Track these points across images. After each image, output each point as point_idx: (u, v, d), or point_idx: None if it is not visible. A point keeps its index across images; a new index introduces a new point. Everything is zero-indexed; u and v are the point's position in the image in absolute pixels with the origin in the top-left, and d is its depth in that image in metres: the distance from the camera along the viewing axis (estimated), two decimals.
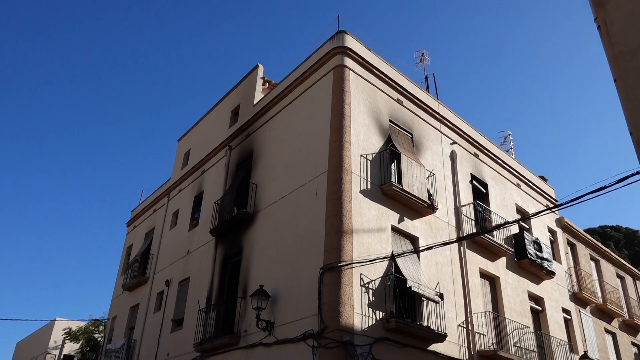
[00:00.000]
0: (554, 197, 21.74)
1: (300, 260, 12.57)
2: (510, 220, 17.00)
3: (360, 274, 11.76)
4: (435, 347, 12.63)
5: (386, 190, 13.34)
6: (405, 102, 15.76)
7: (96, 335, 32.54)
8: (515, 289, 16.76)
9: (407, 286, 12.13)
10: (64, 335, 34.55)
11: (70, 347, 34.43)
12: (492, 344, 14.47)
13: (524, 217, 17.98)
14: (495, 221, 16.57)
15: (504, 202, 18.28)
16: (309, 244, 12.45)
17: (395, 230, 13.39)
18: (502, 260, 16.72)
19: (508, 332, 15.31)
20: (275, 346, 12.08)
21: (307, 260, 12.29)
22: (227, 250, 15.98)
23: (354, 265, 11.65)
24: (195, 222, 18.95)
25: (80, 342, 33.18)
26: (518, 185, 19.69)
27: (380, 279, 12.18)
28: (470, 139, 17.95)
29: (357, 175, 12.94)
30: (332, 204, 12.32)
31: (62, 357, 33.99)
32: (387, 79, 15.35)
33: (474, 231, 15.72)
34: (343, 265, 11.48)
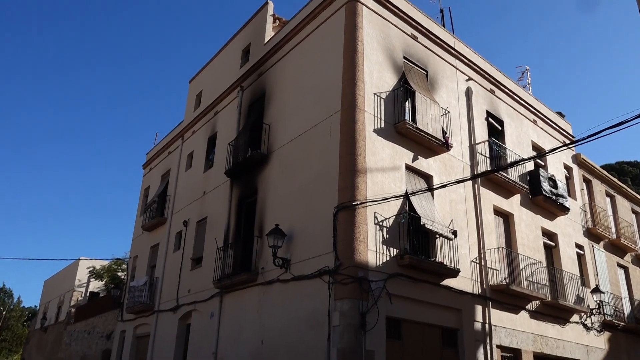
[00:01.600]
0: (571, 133, 21.41)
1: (314, 200, 12.70)
2: (525, 157, 16.86)
3: (375, 213, 11.88)
4: (448, 282, 12.91)
5: (400, 128, 13.23)
6: (420, 37, 15.31)
7: (119, 274, 33.81)
8: (529, 225, 16.86)
9: (421, 224, 12.26)
10: (89, 274, 35.96)
11: (95, 285, 35.88)
12: (505, 278, 14.74)
13: (540, 154, 17.79)
14: (511, 158, 16.45)
15: (520, 139, 18.07)
16: (323, 183, 12.53)
17: (409, 168, 13.38)
18: (517, 197, 16.73)
19: (520, 267, 15.55)
20: (292, 282, 12.44)
21: (321, 200, 12.42)
22: (242, 191, 16.18)
23: (368, 204, 11.75)
24: (210, 164, 19.10)
25: (104, 280, 34.56)
26: (534, 122, 19.38)
27: (394, 217, 12.30)
28: (486, 75, 17.53)
29: (370, 114, 12.80)
30: (345, 143, 12.27)
31: (88, 294, 35.48)
32: (401, 14, 14.85)
33: (489, 169, 15.65)
34: (357, 204, 11.59)
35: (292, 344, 11.87)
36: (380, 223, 11.95)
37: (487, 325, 13.78)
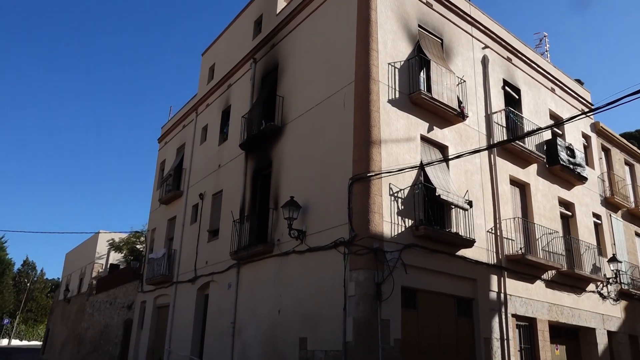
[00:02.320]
0: (589, 101, 20.99)
1: (329, 172, 12.71)
2: (543, 126, 16.61)
3: (389, 184, 11.87)
4: (463, 252, 12.94)
5: (415, 99, 13.08)
6: (435, 4, 14.98)
7: (138, 246, 34.43)
8: (546, 195, 16.73)
9: (436, 194, 12.24)
10: (108, 246, 36.69)
11: (114, 257, 36.64)
12: (520, 248, 14.73)
13: (558, 122, 17.51)
14: (528, 128, 16.22)
15: (537, 107, 17.77)
16: (338, 155, 12.51)
17: (424, 139, 13.28)
18: (533, 167, 16.56)
19: (537, 237, 15.50)
20: (308, 253, 12.57)
21: (336, 171, 12.42)
22: (257, 164, 16.23)
23: (382, 175, 11.73)
24: (225, 137, 19.14)
25: (124, 252, 35.26)
26: (552, 90, 19.01)
27: (409, 188, 12.28)
28: (503, 43, 17.15)
29: (385, 85, 12.66)
30: (360, 114, 12.19)
31: (108, 266, 36.27)
32: None
33: (505, 138, 15.47)
34: (372, 176, 11.57)
35: (308, 314, 12.06)
36: (395, 194, 11.94)
37: (502, 295, 13.84)
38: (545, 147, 17.11)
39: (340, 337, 10.83)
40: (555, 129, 18.37)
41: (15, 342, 60.13)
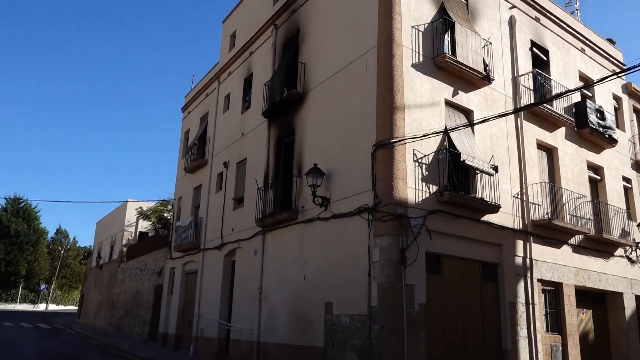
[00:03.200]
0: (621, 61, 20.26)
1: (352, 138, 12.65)
2: (572, 88, 16.16)
3: (413, 150, 11.78)
4: (488, 217, 12.87)
5: (439, 62, 12.82)
6: None
7: (165, 214, 35.12)
8: (574, 159, 16.40)
9: (461, 160, 12.11)
10: (137, 215, 37.53)
11: (143, 225, 37.50)
12: (547, 213, 14.56)
13: (587, 84, 17.01)
14: (556, 90, 15.80)
15: (566, 69, 17.26)
16: (361, 121, 12.43)
17: (448, 104, 13.07)
18: (561, 131, 16.20)
19: (564, 202, 15.29)
20: (332, 220, 12.66)
21: (359, 138, 12.36)
22: (280, 131, 16.24)
23: (406, 141, 11.64)
24: (247, 105, 19.15)
25: (152, 220, 36.03)
26: (582, 51, 18.40)
27: (433, 153, 12.18)
28: (531, 2, 16.56)
29: (408, 48, 12.42)
30: (383, 79, 12.03)
31: (137, 234, 37.17)
32: None
33: (532, 101, 15.11)
34: (395, 142, 11.49)
35: (333, 279, 12.23)
36: (419, 160, 11.86)
37: (527, 260, 13.79)
38: (574, 110, 16.68)
39: (365, 302, 11.00)
40: (585, 91, 17.86)
41: (52, 307, 62.67)
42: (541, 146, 15.58)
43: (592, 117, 16.59)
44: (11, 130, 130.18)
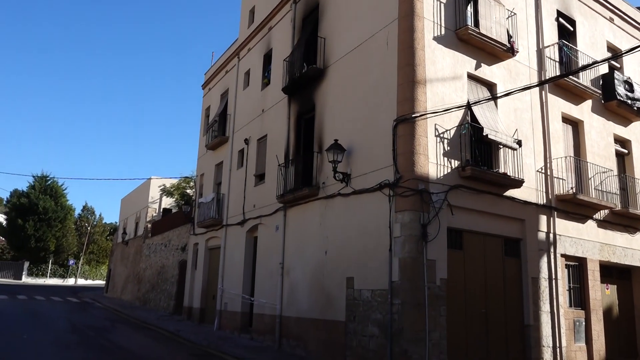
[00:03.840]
0: None
1: (373, 113, 12.56)
2: (599, 59, 15.70)
3: (435, 124, 11.65)
4: (511, 192, 12.73)
5: (462, 35, 12.56)
6: None
7: (188, 191, 35.56)
8: (600, 132, 16.04)
9: (484, 134, 11.95)
10: (160, 192, 38.09)
11: (166, 201, 38.07)
12: (572, 188, 14.34)
13: (616, 54, 16.48)
14: (582, 61, 15.37)
15: (594, 39, 16.74)
16: (382, 96, 12.30)
17: (471, 77, 12.84)
18: (587, 103, 15.81)
19: (589, 176, 15.02)
20: (353, 196, 12.67)
21: (380, 113, 12.26)
22: (300, 107, 16.19)
23: (428, 115, 11.50)
24: (267, 81, 19.09)
25: (175, 197, 36.53)
26: (611, 20, 17.79)
27: (455, 128, 12.02)
28: None
29: (429, 21, 12.18)
30: (404, 53, 11.85)
31: (161, 210, 37.78)
32: None
33: (558, 74, 14.74)
34: (417, 116, 11.37)
35: (354, 255, 12.30)
36: (441, 135, 11.73)
37: (551, 235, 13.65)
38: (601, 82, 16.24)
39: (386, 277, 11.05)
40: (613, 62, 17.34)
41: (81, 282, 64.48)
42: (566, 119, 15.25)
43: (620, 89, 16.14)
44: (38, 109, 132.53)
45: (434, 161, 11.43)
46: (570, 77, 14.56)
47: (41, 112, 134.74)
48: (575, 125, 15.56)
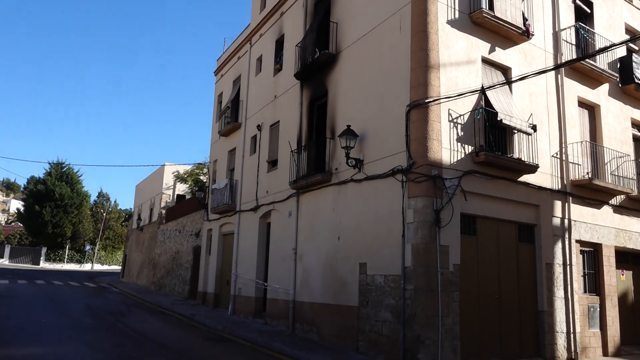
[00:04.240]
0: None
1: (386, 99, 12.48)
2: (617, 42, 15.39)
3: (449, 109, 11.55)
4: (526, 178, 12.62)
5: (476, 18, 12.37)
6: None
7: (201, 177, 35.78)
8: (617, 116, 15.79)
9: (498, 119, 11.82)
10: (174, 178, 38.35)
11: (180, 188, 38.36)
12: (587, 173, 14.17)
13: (634, 37, 16.16)
14: (600, 44, 15.09)
15: (612, 22, 16.41)
16: (395, 81, 12.21)
17: (485, 61, 12.68)
18: (604, 87, 15.55)
19: (605, 161, 14.82)
20: (366, 182, 12.66)
21: (393, 98, 12.18)
22: (312, 93, 16.14)
23: (441, 100, 11.40)
24: (279, 67, 19.03)
25: (189, 183, 36.79)
26: (630, 1, 17.39)
27: (469, 113, 11.91)
28: None
29: (443, 4, 12.01)
30: (417, 37, 11.72)
31: (175, 196, 38.08)
32: None
33: (574, 57, 14.49)
34: (430, 102, 11.28)
35: (367, 240, 12.32)
36: (455, 120, 11.64)
37: (566, 221, 13.54)
38: (618, 65, 15.94)
39: (399, 263, 11.07)
40: (631, 45, 17.00)
41: (97, 267, 65.48)
42: (582, 104, 15.03)
43: (638, 72, 15.83)
44: (54, 97, 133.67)
45: (447, 147, 11.36)
46: (587, 60, 14.32)
47: (57, 100, 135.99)
48: (591, 109, 15.33)
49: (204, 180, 34.30)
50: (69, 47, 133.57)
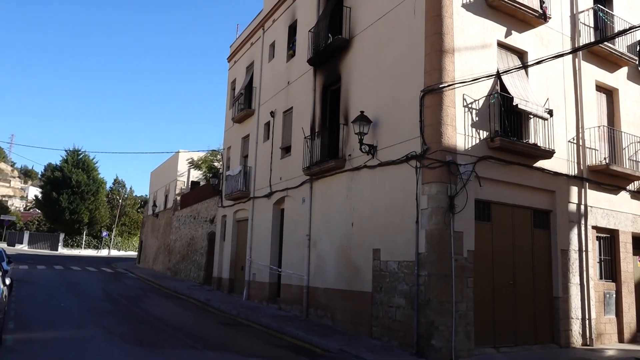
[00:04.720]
0: None
1: (399, 84, 12.38)
2: (636, 24, 15.05)
3: (463, 94, 11.43)
4: (541, 163, 12.49)
5: (492, 1, 12.17)
6: None
7: (215, 164, 35.93)
8: (636, 100, 15.50)
9: (514, 104, 11.68)
10: (188, 165, 38.57)
11: (194, 174, 38.58)
12: (605, 158, 13.98)
13: None
14: (619, 27, 14.77)
15: (631, 3, 16.04)
16: (409, 66, 12.10)
17: (501, 45, 12.50)
18: (623, 71, 15.26)
19: (623, 146, 14.60)
20: (379, 168, 12.62)
21: (407, 84, 12.08)
22: (325, 79, 16.06)
23: (456, 85, 11.29)
24: (292, 53, 18.94)
25: (203, 170, 36.98)
26: None
27: (484, 98, 11.78)
28: None
29: None
30: (431, 21, 11.58)
31: (189, 183, 38.34)
32: None
33: (592, 40, 14.21)
34: (445, 87, 11.17)
35: (381, 226, 12.32)
36: (469, 105, 11.52)
37: (582, 207, 13.40)
38: (638, 48, 15.60)
39: (413, 249, 11.06)
40: None
41: (114, 252, 66.40)
42: (600, 88, 14.78)
43: None
44: (70, 87, 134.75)
45: (461, 132, 11.26)
46: (605, 43, 14.04)
47: (73, 89, 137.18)
48: (609, 93, 15.07)
49: (218, 167, 34.46)
50: (85, 39, 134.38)
